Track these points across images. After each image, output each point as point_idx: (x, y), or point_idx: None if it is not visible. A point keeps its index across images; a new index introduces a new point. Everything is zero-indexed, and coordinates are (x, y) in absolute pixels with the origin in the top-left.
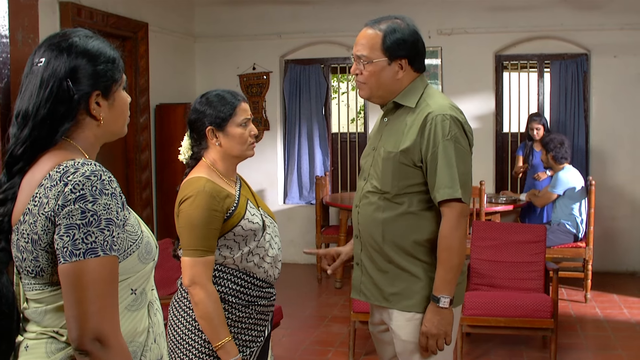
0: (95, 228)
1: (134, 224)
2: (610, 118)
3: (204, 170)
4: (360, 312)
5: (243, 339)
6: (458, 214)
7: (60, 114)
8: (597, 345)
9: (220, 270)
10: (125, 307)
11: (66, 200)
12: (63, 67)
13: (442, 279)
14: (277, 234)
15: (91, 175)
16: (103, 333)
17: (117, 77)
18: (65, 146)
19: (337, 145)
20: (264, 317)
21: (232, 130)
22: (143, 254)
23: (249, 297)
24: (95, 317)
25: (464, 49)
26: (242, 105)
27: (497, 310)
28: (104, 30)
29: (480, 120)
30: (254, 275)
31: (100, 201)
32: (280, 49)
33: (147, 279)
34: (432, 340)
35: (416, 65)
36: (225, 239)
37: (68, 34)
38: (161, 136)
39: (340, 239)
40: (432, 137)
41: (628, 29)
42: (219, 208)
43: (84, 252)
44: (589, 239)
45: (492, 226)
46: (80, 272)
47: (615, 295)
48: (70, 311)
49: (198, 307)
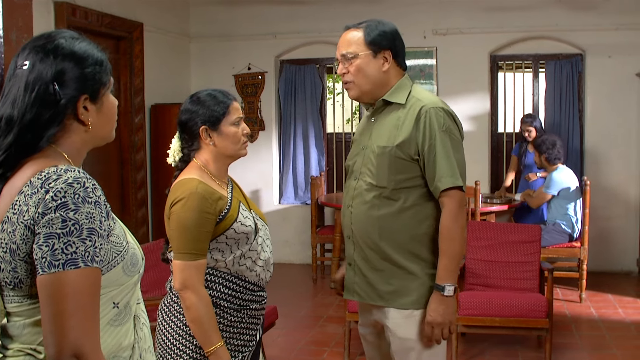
0: (77, 238)
1: (119, 234)
2: (604, 118)
3: (195, 171)
4: (355, 312)
5: (235, 344)
6: (458, 202)
7: (46, 119)
8: (592, 345)
9: (212, 274)
10: (108, 322)
11: (47, 208)
12: (49, 70)
13: (446, 267)
14: (269, 236)
15: (74, 182)
16: (82, 350)
17: (105, 80)
18: (49, 152)
19: (332, 146)
20: (256, 321)
21: (226, 129)
22: (128, 265)
23: (240, 301)
24: (73, 332)
25: (459, 49)
26: (234, 104)
27: (492, 310)
28: (98, 30)
29: (476, 121)
30: (246, 279)
31: (82, 210)
32: (276, 49)
33: (132, 291)
34: (437, 330)
35: (399, 61)
36: (218, 242)
37: (53, 36)
38: (156, 136)
39: (336, 239)
40: (429, 130)
41: (623, 29)
42: (211, 210)
43: (64, 263)
44: (584, 239)
45: (487, 226)
46: (59, 284)
47: (610, 295)
48: (47, 325)
49: (190, 311)
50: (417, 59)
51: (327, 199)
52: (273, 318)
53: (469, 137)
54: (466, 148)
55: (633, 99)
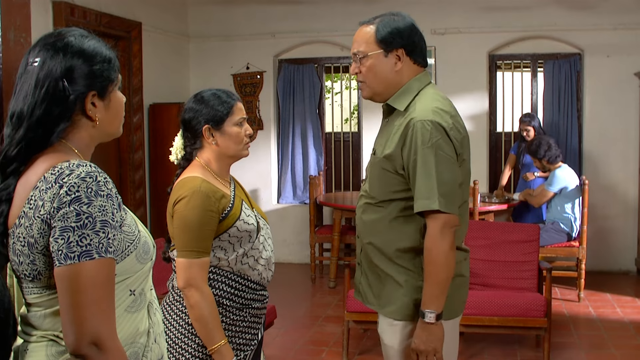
0: (90, 230)
1: (130, 224)
2: (603, 118)
3: (198, 170)
4: (354, 312)
5: (237, 342)
6: (441, 225)
7: (56, 114)
8: (590, 344)
9: (215, 273)
10: (125, 309)
11: (61, 202)
12: (59, 67)
13: (429, 293)
14: (270, 235)
15: (86, 176)
16: (100, 337)
17: (113, 77)
18: (60, 147)
19: (331, 145)
20: (258, 319)
21: (229, 129)
22: (141, 253)
23: (243, 300)
24: (91, 320)
25: (457, 49)
26: (238, 105)
27: (491, 309)
28: (97, 29)
29: (474, 120)
30: (248, 278)
31: (95, 203)
32: (274, 49)
33: (146, 279)
34: (422, 357)
35: (415, 57)
36: (220, 240)
37: (64, 34)
38: (155, 136)
39: (334, 239)
40: (413, 145)
41: (621, 29)
42: (214, 208)
43: (79, 255)
44: (583, 238)
45: (485, 225)
46: (75, 275)
47: (609, 295)
48: (65, 315)
49: (193, 309)
50: None
51: (325, 199)
52: (272, 317)
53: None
54: None
55: (631, 99)
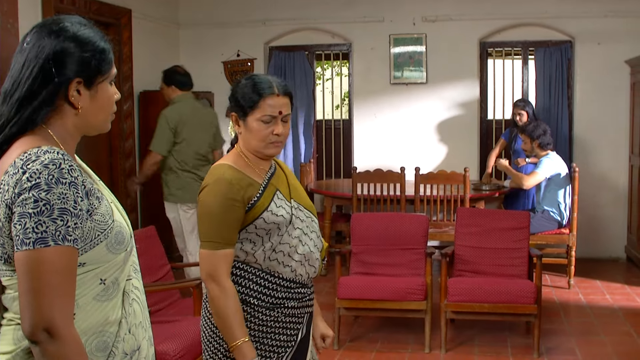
0: (47, 217)
1: (104, 214)
2: (594, 105)
3: (230, 157)
4: (345, 299)
5: (269, 344)
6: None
7: (39, 96)
8: (580, 331)
9: (242, 269)
10: (93, 297)
11: (22, 188)
12: (49, 48)
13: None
14: (315, 229)
15: (49, 163)
16: (53, 324)
17: (103, 69)
18: (40, 132)
19: (322, 132)
20: (296, 319)
21: (251, 124)
22: (112, 244)
23: (274, 299)
24: (45, 307)
25: (448, 36)
26: (268, 100)
27: (481, 296)
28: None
29: (465, 107)
30: (280, 275)
31: (55, 190)
32: (265, 36)
33: (120, 269)
34: None
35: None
36: (247, 232)
37: (62, 19)
38: (145, 123)
39: (325, 226)
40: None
41: (612, 16)
42: (237, 197)
43: (34, 242)
44: (573, 226)
45: (476, 213)
46: (31, 261)
47: (598, 282)
48: (22, 300)
49: (213, 303)
50: (407, 45)
51: (316, 186)
52: None
53: (458, 123)
54: (455, 134)
55: (622, 86)
